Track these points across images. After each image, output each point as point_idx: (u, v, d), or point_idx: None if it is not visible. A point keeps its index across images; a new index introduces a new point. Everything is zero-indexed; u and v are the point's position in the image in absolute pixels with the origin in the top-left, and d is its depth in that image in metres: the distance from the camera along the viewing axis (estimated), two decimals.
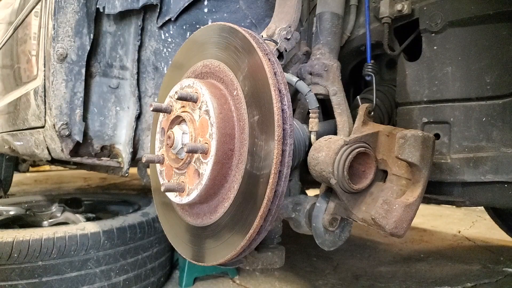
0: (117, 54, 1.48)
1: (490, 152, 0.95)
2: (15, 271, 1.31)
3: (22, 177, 5.43)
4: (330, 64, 1.03)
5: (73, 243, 1.40)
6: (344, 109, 1.00)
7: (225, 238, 0.77)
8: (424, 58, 1.03)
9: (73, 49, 1.33)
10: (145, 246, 1.63)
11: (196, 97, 0.78)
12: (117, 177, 5.11)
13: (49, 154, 1.55)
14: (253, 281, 1.90)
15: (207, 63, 0.86)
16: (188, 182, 0.79)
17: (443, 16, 0.97)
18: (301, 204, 0.97)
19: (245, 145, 0.74)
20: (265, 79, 0.71)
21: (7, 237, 1.33)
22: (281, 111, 0.70)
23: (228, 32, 0.82)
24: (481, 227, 3.06)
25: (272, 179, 0.68)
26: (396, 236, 0.81)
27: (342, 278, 1.95)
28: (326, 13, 1.07)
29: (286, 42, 1.02)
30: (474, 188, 1.02)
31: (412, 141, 0.80)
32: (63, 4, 1.31)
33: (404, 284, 1.87)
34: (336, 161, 0.85)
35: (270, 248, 0.97)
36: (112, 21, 1.45)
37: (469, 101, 0.97)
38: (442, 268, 2.11)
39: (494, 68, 0.94)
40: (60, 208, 2.02)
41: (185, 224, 0.88)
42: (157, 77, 1.49)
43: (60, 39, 1.31)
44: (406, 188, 0.85)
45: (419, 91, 1.03)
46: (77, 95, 1.34)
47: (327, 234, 0.93)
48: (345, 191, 0.88)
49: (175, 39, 1.41)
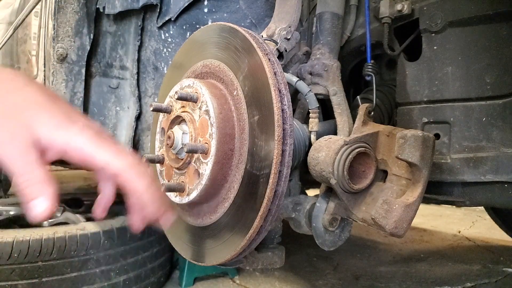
0: (117, 54, 1.48)
1: (490, 152, 0.95)
2: (15, 271, 1.31)
3: None
4: (330, 64, 1.03)
5: (73, 243, 1.40)
6: (344, 109, 1.00)
7: (225, 238, 0.77)
8: (424, 58, 1.03)
9: (73, 49, 1.33)
10: (145, 246, 1.63)
11: (196, 97, 0.78)
12: None
13: None
14: (253, 281, 1.90)
15: (207, 63, 0.86)
16: (188, 182, 0.79)
17: (443, 16, 0.97)
18: (301, 204, 0.97)
19: (245, 145, 0.74)
20: (265, 79, 0.71)
21: (7, 237, 1.32)
22: (281, 111, 0.70)
23: (228, 32, 0.82)
24: (481, 227, 3.06)
25: (272, 179, 0.68)
26: (396, 236, 0.81)
27: (342, 278, 1.95)
28: (326, 13, 1.07)
29: (286, 42, 1.02)
30: (474, 188, 1.02)
31: (412, 141, 0.80)
32: (63, 4, 1.31)
33: (404, 284, 1.87)
34: (336, 161, 0.85)
35: (270, 248, 0.97)
36: (112, 21, 1.45)
37: (469, 101, 0.97)
38: (442, 268, 2.11)
39: (494, 68, 0.94)
40: (60, 208, 2.02)
41: (185, 224, 0.89)
42: (157, 77, 1.49)
43: (60, 39, 1.31)
44: (406, 188, 0.85)
45: (419, 91, 1.03)
46: (77, 95, 1.34)
47: (327, 234, 0.93)
48: (345, 191, 0.88)
49: (175, 39, 1.41)
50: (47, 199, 0.47)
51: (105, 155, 0.50)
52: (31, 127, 0.48)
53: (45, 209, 0.47)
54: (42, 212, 0.47)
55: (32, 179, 0.47)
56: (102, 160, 0.50)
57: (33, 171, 0.47)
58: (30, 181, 0.47)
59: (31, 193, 0.47)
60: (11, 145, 0.47)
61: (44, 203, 0.47)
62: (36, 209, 0.47)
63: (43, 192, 0.47)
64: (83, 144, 0.50)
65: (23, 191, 0.47)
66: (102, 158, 0.50)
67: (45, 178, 0.48)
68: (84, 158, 0.50)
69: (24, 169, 0.47)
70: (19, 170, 0.47)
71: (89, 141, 0.50)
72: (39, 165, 0.48)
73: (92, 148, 0.50)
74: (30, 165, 0.47)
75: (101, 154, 0.50)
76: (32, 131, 0.48)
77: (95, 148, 0.50)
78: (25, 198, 0.48)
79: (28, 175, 0.47)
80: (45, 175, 0.48)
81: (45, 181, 0.48)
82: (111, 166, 0.50)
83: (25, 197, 0.48)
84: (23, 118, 0.48)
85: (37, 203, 0.47)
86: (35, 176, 0.47)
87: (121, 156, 0.51)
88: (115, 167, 0.50)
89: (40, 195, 0.47)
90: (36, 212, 0.47)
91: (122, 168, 0.51)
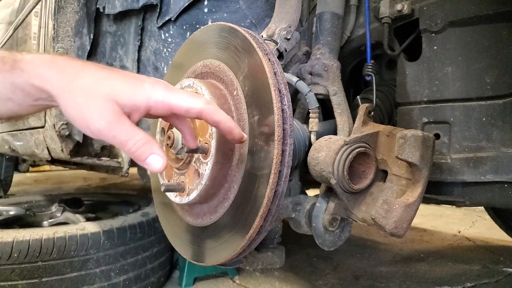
0: (117, 54, 1.48)
1: (490, 152, 0.95)
2: (15, 271, 1.31)
3: (22, 177, 5.43)
4: (330, 64, 1.03)
5: (73, 243, 1.40)
6: (344, 109, 1.00)
7: (225, 238, 0.77)
8: (424, 58, 1.02)
9: (73, 49, 1.33)
10: (145, 246, 1.63)
11: None
12: (117, 177, 5.11)
13: (49, 154, 1.55)
14: (253, 281, 1.90)
15: (207, 63, 0.86)
16: (188, 182, 0.79)
17: (443, 16, 0.97)
18: (301, 204, 0.97)
19: (245, 145, 0.74)
20: (265, 79, 0.71)
21: (7, 237, 1.32)
22: (281, 111, 0.70)
23: (228, 32, 0.82)
24: (481, 227, 3.06)
25: (272, 179, 0.68)
26: (396, 236, 0.81)
27: (342, 278, 1.95)
28: (326, 13, 1.07)
29: (286, 42, 1.02)
30: (474, 188, 1.02)
31: (412, 141, 0.80)
32: (63, 4, 1.31)
33: (404, 284, 1.87)
34: (336, 161, 0.85)
35: (270, 248, 0.97)
36: (112, 21, 1.45)
37: (469, 101, 0.97)
38: (442, 268, 2.11)
39: (494, 68, 0.93)
40: (60, 208, 2.02)
41: (185, 224, 0.88)
42: (157, 77, 1.49)
43: (60, 39, 1.31)
44: (406, 188, 0.85)
45: (419, 91, 1.03)
46: None
47: (327, 234, 0.93)
48: (345, 191, 0.88)
49: (175, 39, 1.41)
50: (159, 154, 0.53)
51: (185, 99, 0.57)
52: (113, 98, 0.53)
53: (162, 163, 0.53)
54: (160, 167, 0.53)
55: (138, 142, 0.53)
56: (185, 104, 0.57)
57: (135, 135, 0.53)
58: (137, 144, 0.52)
59: (143, 153, 0.53)
60: (105, 120, 0.51)
61: (158, 158, 0.53)
62: (154, 165, 0.53)
63: (153, 149, 0.53)
64: (163, 95, 0.56)
65: (134, 155, 0.53)
66: (184, 103, 0.57)
67: (148, 138, 0.54)
68: (168, 107, 0.56)
69: (126, 136, 0.52)
70: (122, 138, 0.52)
71: (166, 91, 0.56)
72: (136, 128, 0.54)
73: (171, 96, 0.56)
74: (129, 131, 0.53)
75: (182, 100, 0.57)
76: (115, 102, 0.53)
77: (174, 96, 0.57)
78: (139, 159, 0.53)
79: (132, 140, 0.52)
80: (146, 135, 0.54)
81: (150, 140, 0.54)
82: (195, 107, 0.58)
83: (138, 158, 0.53)
84: (102, 94, 0.52)
85: (152, 160, 0.53)
86: (139, 139, 0.53)
87: (197, 98, 0.59)
88: (198, 107, 0.58)
89: (152, 152, 0.53)
90: (154, 167, 0.53)
91: (204, 106, 0.58)
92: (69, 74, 0.53)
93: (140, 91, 0.54)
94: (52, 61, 0.54)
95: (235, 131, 0.63)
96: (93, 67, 0.55)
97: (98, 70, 0.55)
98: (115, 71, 0.56)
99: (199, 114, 0.58)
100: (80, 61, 0.56)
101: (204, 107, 0.58)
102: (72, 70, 0.54)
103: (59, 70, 0.53)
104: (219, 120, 0.60)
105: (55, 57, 0.55)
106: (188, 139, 0.70)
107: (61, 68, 0.54)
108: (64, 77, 0.53)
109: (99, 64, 0.58)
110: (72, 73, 0.53)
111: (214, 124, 0.61)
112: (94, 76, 0.54)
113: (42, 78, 0.53)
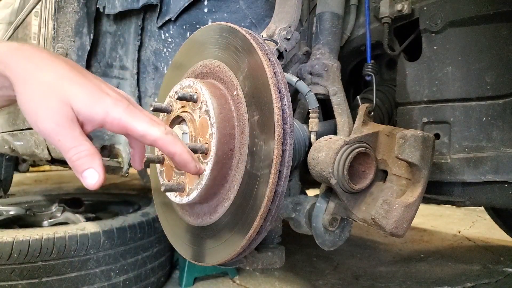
0: (117, 54, 1.48)
1: (490, 152, 0.95)
2: (15, 271, 1.31)
3: (22, 177, 5.43)
4: (330, 64, 1.03)
5: (73, 243, 1.40)
6: (344, 109, 1.00)
7: (225, 238, 0.77)
8: (424, 58, 1.03)
9: (73, 49, 1.33)
10: (145, 246, 1.63)
11: (196, 97, 0.78)
12: (117, 177, 5.11)
13: (49, 154, 1.55)
14: (253, 281, 1.90)
15: (207, 63, 0.86)
16: (188, 182, 0.79)
17: (443, 16, 0.97)
18: (301, 204, 0.97)
19: (245, 145, 0.74)
20: (265, 79, 0.71)
21: (7, 237, 1.32)
22: (281, 111, 0.70)
23: (228, 32, 0.81)
24: (481, 227, 3.06)
25: (272, 179, 0.68)
26: (396, 236, 0.81)
27: (342, 278, 1.95)
28: (326, 13, 1.07)
29: (286, 42, 1.02)
30: (474, 188, 1.02)
31: (412, 141, 0.80)
32: (63, 4, 1.31)
33: (404, 284, 1.87)
34: (336, 161, 0.85)
35: (270, 248, 0.97)
36: (112, 21, 1.45)
37: (469, 101, 0.97)
38: (442, 268, 2.11)
39: (494, 68, 0.93)
40: (60, 208, 2.02)
41: (185, 224, 0.88)
42: (157, 77, 1.49)
43: (60, 39, 1.31)
44: (406, 188, 0.85)
45: (419, 91, 1.03)
46: None
47: (327, 234, 0.93)
48: (345, 191, 0.88)
49: (175, 39, 1.41)
50: (97, 170, 0.51)
51: (142, 125, 0.55)
52: (70, 103, 0.51)
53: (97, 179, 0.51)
54: (94, 183, 0.51)
55: (81, 152, 0.51)
56: (141, 129, 0.55)
57: (81, 145, 0.51)
58: (79, 154, 0.51)
59: (82, 164, 0.51)
60: (55, 122, 0.50)
61: (95, 174, 0.51)
62: (88, 179, 0.51)
63: (93, 163, 0.51)
64: (121, 115, 0.54)
65: (73, 164, 0.51)
66: (140, 128, 0.55)
67: (93, 151, 0.52)
68: (123, 127, 0.54)
69: (72, 144, 0.51)
70: (66, 145, 0.51)
71: (125, 112, 0.54)
72: (84, 138, 0.52)
73: (129, 118, 0.54)
74: (76, 139, 0.51)
75: (139, 124, 0.55)
76: (71, 107, 0.51)
77: (132, 118, 0.54)
78: (76, 170, 0.52)
79: (76, 148, 0.51)
80: (92, 148, 0.52)
81: (93, 153, 0.52)
82: (150, 134, 0.55)
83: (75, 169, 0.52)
84: (60, 95, 0.50)
85: (88, 174, 0.51)
86: (83, 149, 0.51)
87: (156, 125, 0.56)
88: (154, 135, 0.55)
89: (90, 166, 0.51)
90: (88, 182, 0.51)
91: (160, 135, 0.56)
92: (32, 63, 0.52)
93: (100, 104, 0.52)
94: (18, 49, 0.53)
95: (190, 164, 0.61)
96: (60, 63, 0.53)
97: (65, 68, 0.53)
98: (83, 74, 0.54)
99: (154, 143, 0.56)
100: (51, 54, 0.54)
101: (159, 137, 0.56)
102: (37, 60, 0.52)
103: (23, 57, 0.52)
104: (174, 152, 0.58)
105: (23, 45, 0.54)
106: (135, 159, 0.68)
107: (26, 56, 0.52)
108: (26, 65, 0.51)
109: (70, 61, 0.56)
110: (36, 63, 0.52)
111: (169, 155, 0.59)
112: (58, 74, 0.52)
113: (5, 63, 0.51)
